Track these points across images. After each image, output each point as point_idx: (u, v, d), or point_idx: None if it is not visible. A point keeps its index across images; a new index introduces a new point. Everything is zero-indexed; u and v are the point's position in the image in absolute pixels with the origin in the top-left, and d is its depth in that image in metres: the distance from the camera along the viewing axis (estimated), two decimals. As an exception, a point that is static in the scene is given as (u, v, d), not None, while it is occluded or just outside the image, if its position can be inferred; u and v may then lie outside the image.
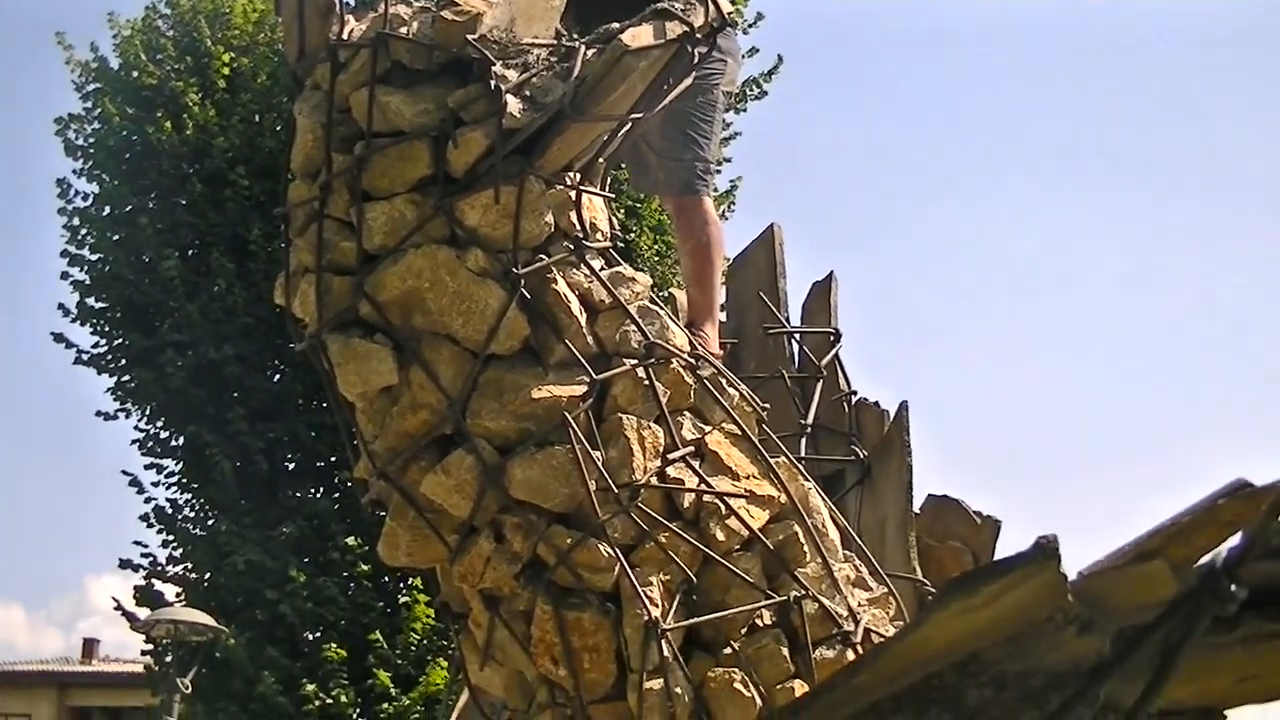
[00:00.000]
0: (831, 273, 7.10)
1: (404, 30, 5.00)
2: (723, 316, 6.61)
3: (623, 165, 6.46)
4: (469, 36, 4.89)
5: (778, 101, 21.41)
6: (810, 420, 6.55)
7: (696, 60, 5.06)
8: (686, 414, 5.13)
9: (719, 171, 6.30)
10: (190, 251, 19.11)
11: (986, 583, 2.90)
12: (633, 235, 17.72)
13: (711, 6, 5.00)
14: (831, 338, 6.85)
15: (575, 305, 4.98)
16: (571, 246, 5.03)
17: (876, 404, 6.59)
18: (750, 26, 19.22)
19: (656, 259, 18.52)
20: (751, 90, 19.51)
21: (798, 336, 6.91)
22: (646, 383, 4.99)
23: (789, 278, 7.13)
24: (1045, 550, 2.78)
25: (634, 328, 5.02)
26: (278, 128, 18.81)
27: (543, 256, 4.96)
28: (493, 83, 4.81)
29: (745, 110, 19.58)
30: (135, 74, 19.03)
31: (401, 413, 4.98)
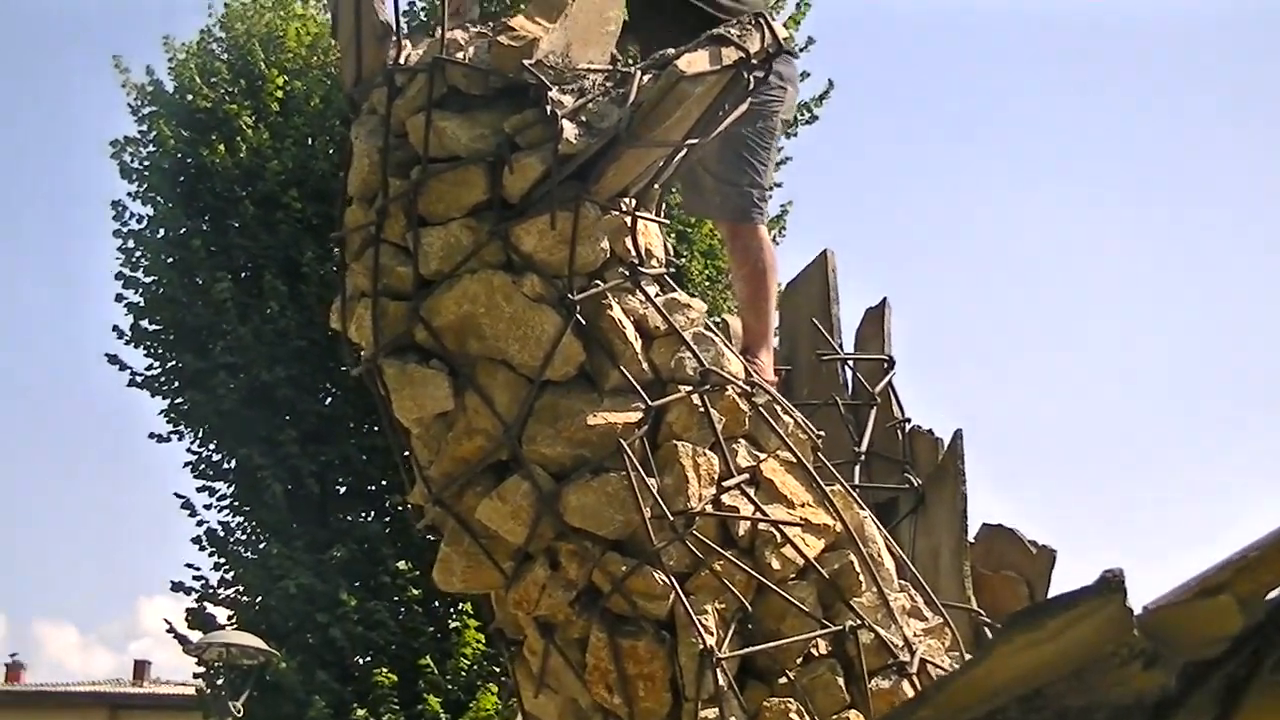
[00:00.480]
0: (885, 299, 7.07)
1: (460, 55, 5.00)
2: (775, 342, 6.58)
3: (675, 189, 6.45)
4: (525, 62, 4.89)
5: (829, 126, 21.33)
6: (864, 447, 6.52)
7: (752, 86, 5.03)
8: (741, 441, 5.11)
9: (771, 196, 6.26)
10: (243, 274, 19.16)
11: (1051, 616, 2.86)
12: (684, 260, 17.70)
13: (768, 33, 4.98)
14: (885, 364, 6.82)
15: (630, 331, 4.96)
16: (627, 272, 5.02)
17: (930, 431, 6.56)
18: (801, 50, 19.19)
19: (707, 284, 18.48)
20: (802, 115, 19.47)
21: (851, 363, 6.88)
22: (701, 409, 4.97)
23: (842, 303, 7.10)
24: (1111, 584, 2.74)
25: (689, 354, 5.00)
26: (330, 150, 18.86)
27: (598, 282, 4.95)
28: (549, 108, 4.80)
29: (796, 135, 19.55)
30: (190, 97, 19.11)
31: (457, 438, 4.97)
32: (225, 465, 19.28)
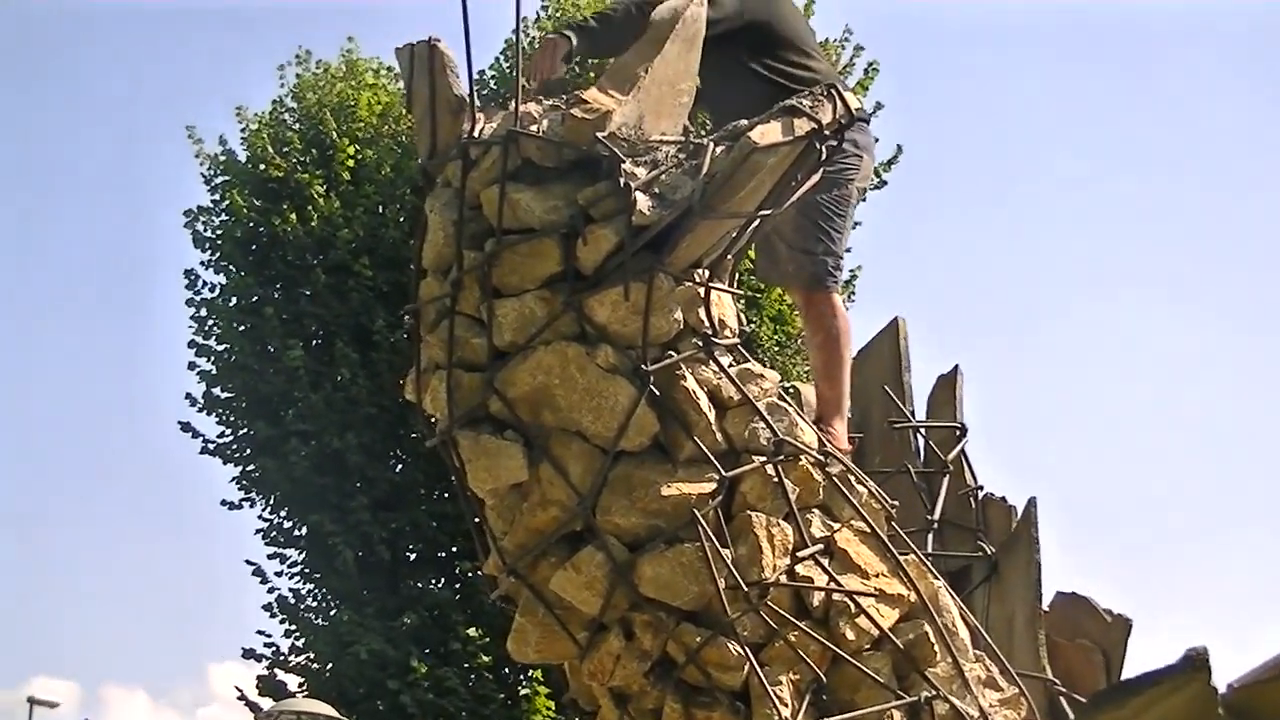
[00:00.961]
0: (956, 366, 7.06)
1: (534, 128, 5.03)
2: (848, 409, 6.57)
3: (749, 256, 6.45)
4: (598, 134, 4.91)
5: (898, 191, 21.32)
6: (937, 516, 6.50)
7: (824, 156, 5.05)
8: (815, 511, 5.10)
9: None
10: (314, 341, 19.25)
11: (1135, 694, 2.84)
12: (753, 325, 17.69)
13: (840, 103, 4.99)
14: (957, 432, 6.81)
15: (704, 402, 4.97)
16: (700, 343, 5.03)
17: (1003, 499, 6.54)
18: (871, 115, 19.21)
19: (777, 349, 18.47)
20: (871, 180, 19.45)
21: (923, 430, 6.87)
22: (775, 480, 4.97)
23: (914, 370, 7.09)
24: (1195, 662, 2.72)
25: (763, 424, 5.00)
26: (401, 218, 18.96)
27: (672, 353, 4.96)
28: (622, 180, 4.82)
29: (865, 200, 19.52)
30: (262, 166, 19.25)
31: (531, 509, 4.98)
32: (296, 532, 19.33)
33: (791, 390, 6.64)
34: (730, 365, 5.11)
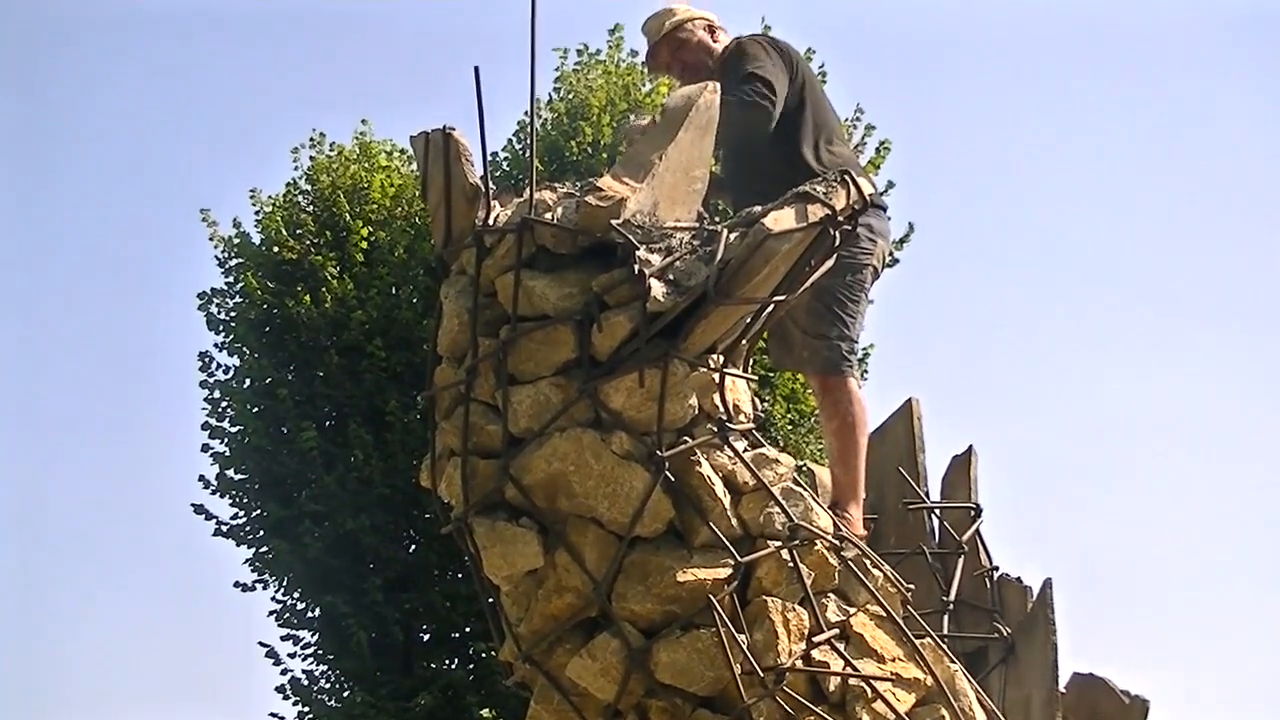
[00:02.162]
0: (970, 446, 7.08)
1: (549, 215, 5.05)
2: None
3: (763, 342, 6.47)
4: (613, 221, 4.93)
5: (911, 268, 21.36)
6: (953, 596, 6.50)
7: (839, 242, 5.07)
8: (831, 595, 5.11)
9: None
10: (328, 423, 19.27)
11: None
12: (766, 404, 17.70)
13: (854, 189, 5.02)
14: (972, 512, 6.81)
15: (719, 487, 4.98)
16: (715, 429, 5.05)
17: (1019, 579, 6.54)
18: (882, 194, 19.27)
19: (790, 428, 18.49)
20: (885, 261, 19.47)
21: (938, 511, 6.88)
22: (791, 565, 4.97)
23: (928, 450, 7.11)
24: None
25: (778, 509, 5.01)
26: (415, 300, 19.03)
27: (687, 439, 4.98)
28: (636, 266, 4.84)
29: (878, 278, 19.56)
30: (276, 249, 19.33)
31: (547, 595, 4.98)
32: (309, 614, 19.29)
33: (806, 472, 6.66)
34: (745, 450, 5.12)
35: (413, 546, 19.49)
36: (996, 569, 6.66)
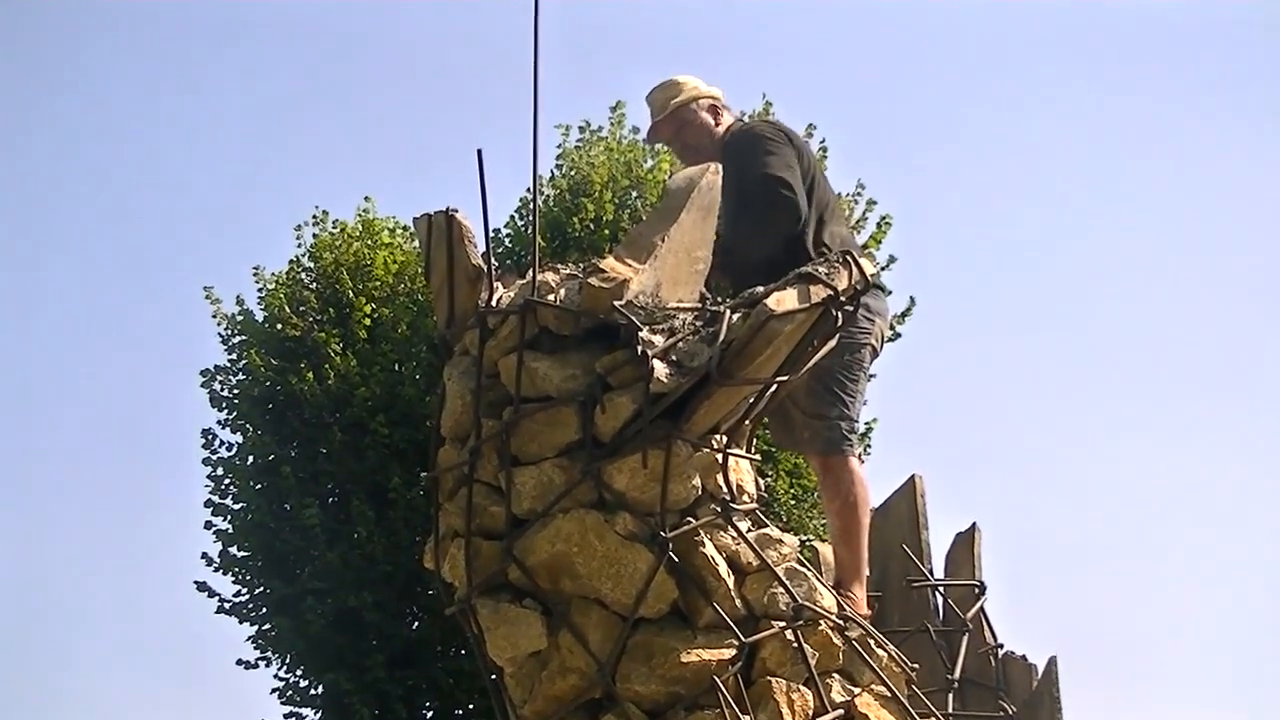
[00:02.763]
0: (974, 524, 7.07)
1: (552, 297, 5.08)
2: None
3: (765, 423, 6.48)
4: (616, 302, 4.95)
5: (912, 343, 21.39)
6: (957, 675, 6.47)
7: (840, 323, 5.08)
8: (836, 676, 5.10)
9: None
10: (330, 500, 19.24)
11: None
12: (768, 480, 17.67)
13: (855, 270, 5.04)
14: (976, 590, 6.80)
15: (723, 568, 4.98)
16: (719, 509, 5.05)
17: (1024, 657, 6.52)
18: (883, 269, 19.31)
19: (793, 503, 18.45)
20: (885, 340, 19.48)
21: (942, 589, 6.87)
22: (795, 645, 4.96)
23: (931, 528, 7.11)
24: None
25: (782, 590, 5.01)
26: (417, 376, 19.03)
27: (690, 519, 4.98)
28: (639, 348, 4.86)
29: (879, 353, 19.57)
30: (279, 325, 19.36)
31: (551, 677, 4.97)
32: (312, 691, 19.20)
33: (809, 551, 6.65)
34: (749, 530, 5.13)
35: (415, 623, 19.41)
36: (1001, 647, 6.65)
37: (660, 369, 4.84)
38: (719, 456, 5.05)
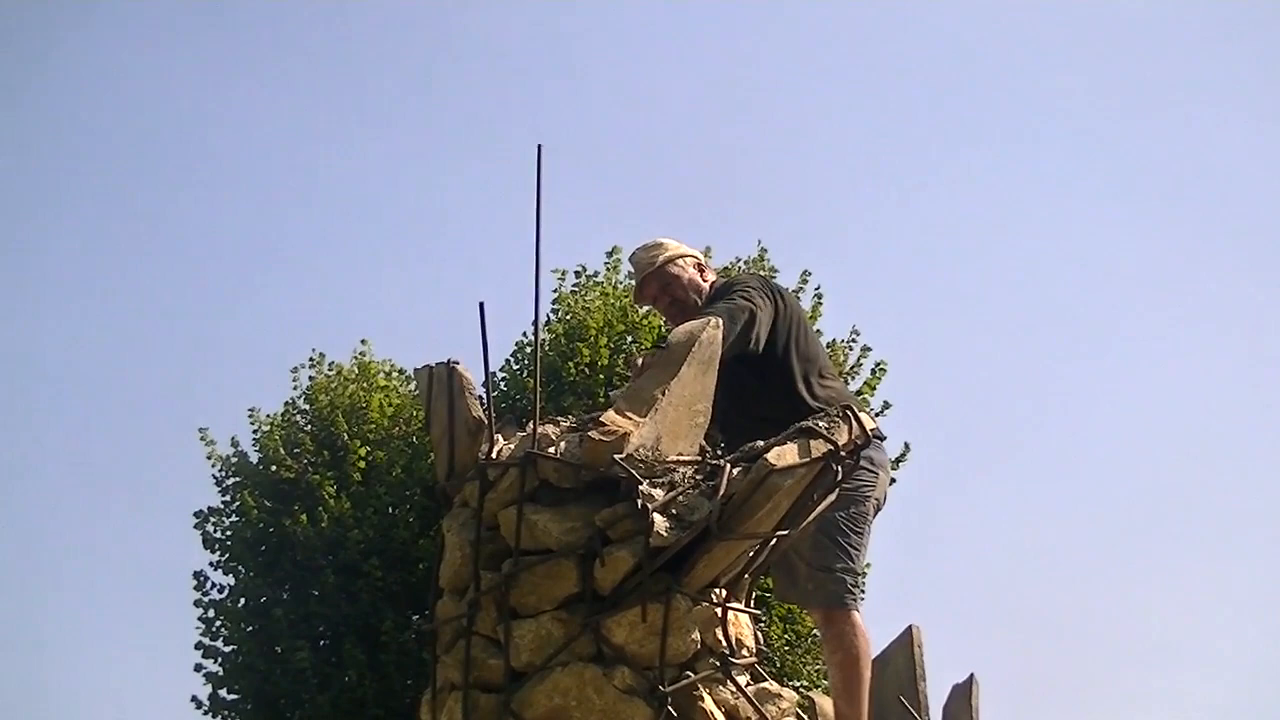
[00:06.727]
0: (971, 675, 7.06)
1: (552, 449, 5.09)
2: None
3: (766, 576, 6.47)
4: (616, 456, 4.97)
5: (908, 487, 21.36)
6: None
7: (841, 477, 5.09)
8: (835, 831, 5.06)
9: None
10: (322, 642, 19.15)
11: None
12: (763, 624, 17.59)
13: (855, 425, 5.06)
14: (975, 744, 6.78)
15: (722, 722, 4.95)
16: (718, 663, 5.03)
17: (1026, 814, 6.48)
18: (878, 415, 19.34)
19: (787, 649, 18.37)
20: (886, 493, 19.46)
21: (940, 743, 6.84)
22: (794, 799, 4.93)
23: (929, 679, 7.09)
24: None
25: (781, 745, 4.98)
26: (411, 519, 19.02)
27: (689, 673, 4.96)
28: (639, 501, 4.87)
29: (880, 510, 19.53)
30: (274, 467, 19.39)
31: (550, 835, 4.93)
32: (303, 833, 19.02)
33: (806, 701, 6.62)
34: (748, 685, 5.11)
35: (407, 769, 19.27)
36: (1000, 800, 6.61)
37: (660, 523, 4.84)
38: (718, 611, 5.05)
